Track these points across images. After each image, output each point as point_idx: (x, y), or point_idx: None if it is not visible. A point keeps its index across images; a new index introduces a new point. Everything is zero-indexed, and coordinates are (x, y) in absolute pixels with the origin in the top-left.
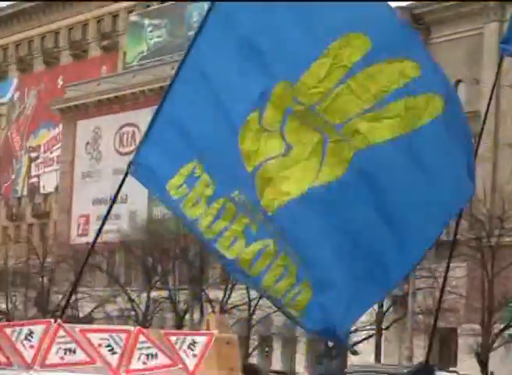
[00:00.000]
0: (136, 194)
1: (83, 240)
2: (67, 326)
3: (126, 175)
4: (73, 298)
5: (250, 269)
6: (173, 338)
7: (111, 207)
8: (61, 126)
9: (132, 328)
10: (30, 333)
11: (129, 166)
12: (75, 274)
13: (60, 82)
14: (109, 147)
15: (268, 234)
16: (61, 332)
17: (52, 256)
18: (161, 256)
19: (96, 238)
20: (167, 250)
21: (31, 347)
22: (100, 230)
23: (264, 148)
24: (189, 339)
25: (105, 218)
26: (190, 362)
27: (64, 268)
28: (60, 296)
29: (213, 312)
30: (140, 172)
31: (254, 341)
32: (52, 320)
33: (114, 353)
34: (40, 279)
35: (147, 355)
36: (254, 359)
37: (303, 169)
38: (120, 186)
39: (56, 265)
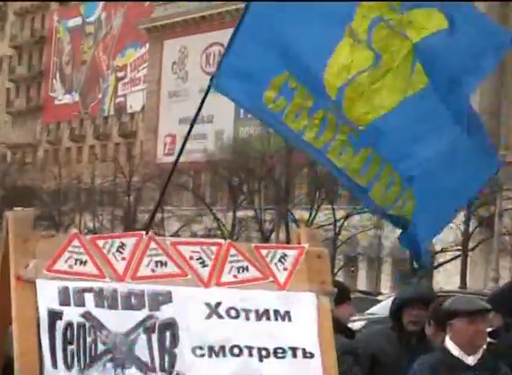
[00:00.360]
0: (223, 114)
1: (170, 159)
2: (158, 238)
3: (208, 89)
4: (159, 217)
5: (361, 177)
6: (264, 252)
7: (192, 126)
8: (147, 45)
9: (223, 241)
10: (122, 245)
11: (211, 79)
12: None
13: (147, 2)
14: (196, 66)
15: (366, 143)
16: (152, 244)
17: (139, 175)
18: (247, 176)
19: (178, 158)
20: (253, 170)
21: (123, 259)
22: (182, 149)
23: (355, 60)
24: (279, 252)
25: (186, 137)
26: (281, 276)
27: (150, 187)
28: (146, 215)
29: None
30: (226, 85)
31: (339, 262)
32: (144, 233)
33: (205, 266)
34: (127, 198)
35: (238, 269)
36: (339, 279)
37: (394, 78)
38: (203, 101)
39: (142, 184)
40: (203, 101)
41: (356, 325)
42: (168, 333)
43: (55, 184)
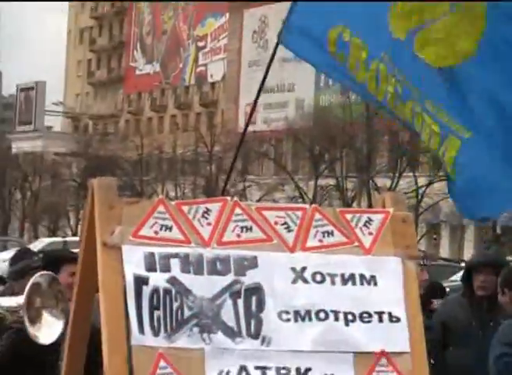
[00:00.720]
0: (303, 82)
1: (251, 128)
2: (243, 204)
3: (276, 45)
4: (241, 186)
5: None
6: (349, 216)
7: (259, 92)
8: (228, 15)
9: (307, 206)
10: (207, 210)
11: (279, 36)
12: (243, 162)
13: None
14: (276, 35)
15: (409, 97)
16: (237, 210)
17: (220, 145)
18: (329, 144)
19: (246, 127)
20: (334, 137)
21: (208, 224)
22: (250, 116)
23: (429, 6)
24: (365, 217)
25: (253, 107)
26: (366, 240)
27: (232, 156)
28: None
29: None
30: (293, 42)
31: (421, 229)
32: (229, 198)
33: (290, 231)
34: (209, 167)
35: (323, 233)
36: (421, 247)
37: (470, 22)
38: (271, 60)
39: (224, 153)
40: (271, 60)
41: None
42: (254, 298)
43: (137, 154)
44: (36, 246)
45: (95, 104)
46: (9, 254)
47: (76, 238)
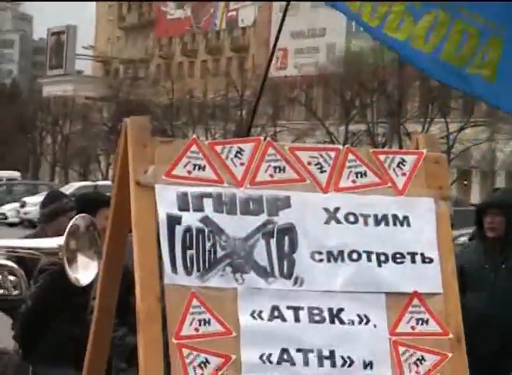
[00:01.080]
0: (335, 27)
1: (281, 73)
2: (277, 144)
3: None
4: (272, 131)
5: (425, 45)
6: (382, 157)
7: (276, 40)
8: None
9: (341, 147)
10: (240, 150)
11: None
12: (273, 107)
13: None
14: None
15: (434, 6)
16: (270, 150)
17: (251, 89)
18: (360, 89)
19: (267, 71)
20: (365, 83)
21: (241, 164)
22: (269, 61)
23: None
24: (398, 158)
25: (274, 46)
26: (399, 181)
27: (262, 101)
28: (258, 129)
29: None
30: None
31: (452, 175)
32: (262, 138)
33: (323, 171)
34: (239, 112)
35: (357, 174)
36: (452, 192)
37: None
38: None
39: (255, 98)
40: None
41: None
42: (286, 238)
43: (168, 99)
44: (67, 190)
45: (126, 48)
46: (40, 198)
47: (107, 182)
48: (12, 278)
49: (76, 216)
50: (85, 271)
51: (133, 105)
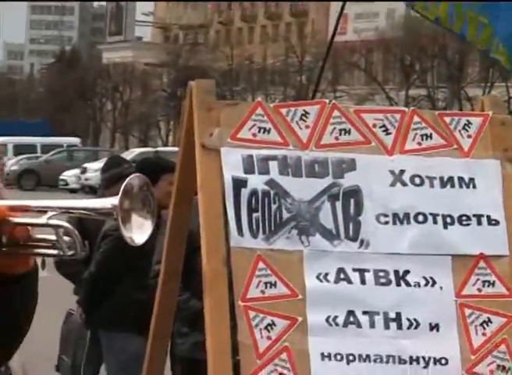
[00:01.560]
0: None
1: (342, 38)
2: (342, 106)
3: None
4: (332, 96)
5: (452, 26)
6: (448, 119)
7: (342, 10)
8: None
9: (406, 109)
10: (305, 113)
11: None
12: (333, 73)
13: None
14: None
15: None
16: (335, 112)
17: (310, 55)
18: (420, 54)
19: (332, 38)
20: (425, 48)
21: (306, 127)
22: (335, 28)
23: None
24: (463, 120)
25: (341, 13)
26: (465, 143)
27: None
28: (319, 94)
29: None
30: None
31: None
32: (327, 101)
33: (388, 134)
34: (299, 77)
35: (422, 136)
36: None
37: None
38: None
39: (314, 63)
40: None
41: None
42: (352, 201)
43: (227, 65)
44: (127, 156)
45: (185, 14)
46: (101, 164)
47: (167, 148)
48: (66, 239)
49: (131, 176)
50: (139, 231)
51: (192, 71)
